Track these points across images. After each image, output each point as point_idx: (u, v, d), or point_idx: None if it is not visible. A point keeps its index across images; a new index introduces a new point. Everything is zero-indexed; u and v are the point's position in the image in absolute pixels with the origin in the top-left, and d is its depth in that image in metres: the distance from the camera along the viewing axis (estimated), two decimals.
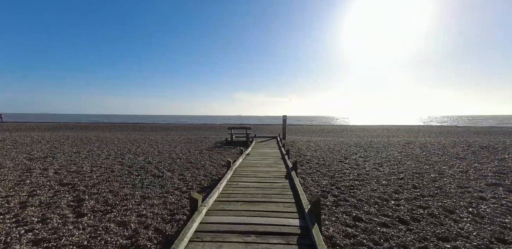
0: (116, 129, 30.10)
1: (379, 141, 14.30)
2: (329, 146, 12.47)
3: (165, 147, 11.50)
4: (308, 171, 6.72)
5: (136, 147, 11.03)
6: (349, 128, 35.20)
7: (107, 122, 49.28)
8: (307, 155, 9.39)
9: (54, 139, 12.86)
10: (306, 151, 10.64)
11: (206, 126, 37.73)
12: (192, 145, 12.34)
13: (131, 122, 51.96)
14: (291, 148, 11.78)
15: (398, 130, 30.08)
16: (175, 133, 26.57)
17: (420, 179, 5.67)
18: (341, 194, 4.74)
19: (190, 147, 11.51)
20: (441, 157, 8.47)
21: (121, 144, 12.13)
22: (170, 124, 42.53)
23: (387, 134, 24.04)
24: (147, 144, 12.52)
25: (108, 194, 4.46)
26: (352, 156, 9.19)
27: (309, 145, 12.90)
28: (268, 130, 31.52)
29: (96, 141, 12.89)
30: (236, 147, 11.79)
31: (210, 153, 9.71)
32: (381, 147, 11.71)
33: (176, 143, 13.40)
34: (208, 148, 11.21)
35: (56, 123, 39.21)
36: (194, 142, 13.85)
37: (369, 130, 30.23)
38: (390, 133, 25.20)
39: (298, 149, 11.17)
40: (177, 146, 11.83)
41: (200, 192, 4.80)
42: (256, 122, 61.62)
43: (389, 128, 34.92)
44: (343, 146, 12.31)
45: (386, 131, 28.34)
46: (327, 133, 27.68)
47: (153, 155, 9.05)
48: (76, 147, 10.60)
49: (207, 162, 7.84)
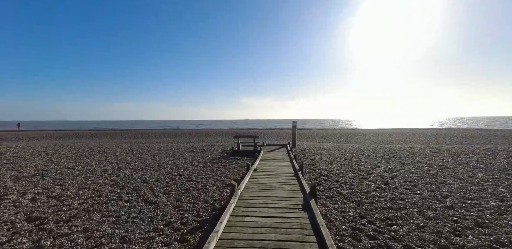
0: (124, 137, 29.82)
1: (399, 148, 12.88)
2: (345, 155, 11.21)
3: (168, 159, 10.61)
4: (328, 193, 5.56)
5: (137, 160, 10.20)
6: (361, 132, 33.48)
7: (116, 129, 49.60)
8: (323, 169, 8.21)
9: (55, 151, 12.27)
10: (321, 163, 9.45)
11: (214, 131, 37.01)
12: (196, 156, 11.41)
13: (141, 129, 52.15)
14: (303, 158, 10.62)
15: (415, 134, 28.17)
16: (182, 139, 25.90)
17: (479, 210, 4.37)
18: (379, 234, 3.56)
19: (194, 159, 10.57)
20: (487, 172, 7.07)
21: (122, 155, 11.36)
22: (179, 130, 42.15)
23: (404, 139, 22.35)
24: (150, 155, 11.69)
25: (80, 235, 3.49)
26: (375, 170, 7.92)
27: (322, 154, 11.68)
28: (276, 135, 30.36)
29: (97, 152, 12.20)
30: (243, 158, 10.75)
31: (214, 167, 8.71)
32: (405, 157, 10.34)
33: (181, 153, 12.52)
34: (212, 160, 10.22)
35: (69, 131, 39.69)
36: (199, 152, 12.93)
37: (382, 135, 28.49)
38: (407, 138, 23.47)
39: (312, 160, 9.99)
40: (180, 158, 10.92)
41: (196, 229, 3.77)
42: (263, 127, 60.56)
43: (403, 132, 32.94)
44: (361, 156, 11.02)
45: (401, 136, 26.56)
46: (338, 138, 26.23)
47: (152, 170, 8.15)
48: (73, 160, 9.88)
49: (210, 180, 6.82)
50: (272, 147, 13.78)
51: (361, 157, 10.80)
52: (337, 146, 15.20)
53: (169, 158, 10.76)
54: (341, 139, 25.06)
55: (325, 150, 13.51)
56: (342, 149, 13.55)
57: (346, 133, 31.66)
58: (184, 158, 10.90)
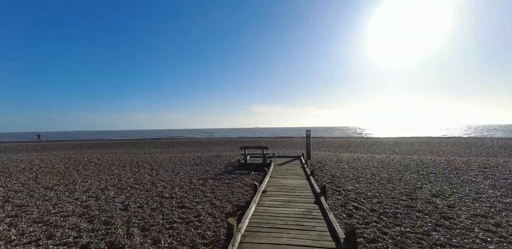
0: (134, 146, 29.17)
1: (432, 161, 10.78)
2: (371, 170, 9.32)
3: (166, 174, 9.23)
4: (367, 234, 3.83)
5: (131, 175, 8.88)
6: (378, 141, 30.91)
7: (128, 139, 49.63)
8: (349, 191, 6.45)
9: (50, 165, 11.27)
10: (344, 181, 7.67)
11: (223, 140, 35.74)
12: (198, 169, 9.97)
13: (151, 138, 51.99)
14: (321, 173, 8.87)
15: (440, 143, 25.37)
16: (190, 149, 24.72)
17: None
18: None
19: (195, 173, 9.12)
20: None
21: (117, 169, 10.13)
22: (188, 139, 41.31)
23: (429, 149, 19.84)
24: (148, 168, 10.39)
25: None
26: (419, 193, 6.05)
27: (342, 168, 9.86)
28: (288, 144, 28.54)
29: (93, 165, 11.07)
30: (251, 173, 9.16)
31: (215, 186, 7.18)
32: (447, 173, 8.33)
33: (182, 165, 11.15)
34: (215, 175, 8.72)
35: (82, 141, 39.95)
36: (203, 164, 11.50)
37: (403, 144, 25.90)
38: (433, 148, 20.90)
39: (332, 177, 8.22)
40: (180, 172, 9.51)
41: None
42: (273, 135, 58.76)
43: (426, 141, 30.03)
44: (390, 171, 9.10)
45: (425, 145, 23.90)
46: (355, 148, 24.01)
47: (141, 190, 6.74)
48: (60, 177, 8.70)
49: (206, 207, 5.27)
50: (283, 159, 12.12)
51: (391, 172, 8.88)
52: (357, 157, 13.26)
53: (167, 173, 9.37)
54: (358, 149, 22.87)
55: (344, 162, 11.64)
56: (364, 161, 11.62)
57: (362, 142, 29.28)
58: (184, 172, 9.47)
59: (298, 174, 8.28)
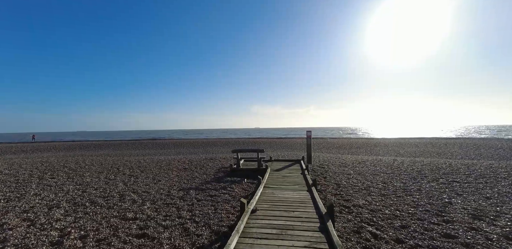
0: (126, 147, 27.82)
1: (448, 165, 9.41)
2: (381, 176, 7.96)
3: (144, 181, 7.87)
4: None
5: (103, 184, 7.50)
6: (381, 142, 29.53)
7: (123, 139, 48.19)
8: (360, 206, 5.08)
9: (13, 172, 9.92)
10: (353, 191, 6.30)
11: (221, 141, 34.39)
12: (184, 176, 8.61)
13: (148, 138, 50.60)
14: (325, 182, 7.50)
15: (446, 144, 23.99)
16: (185, 150, 23.37)
17: None
18: None
19: (177, 182, 7.76)
20: None
21: (91, 176, 8.76)
22: (185, 140, 39.94)
23: (436, 151, 18.47)
24: (127, 174, 9.03)
25: None
26: (449, 211, 4.68)
27: (348, 174, 8.50)
28: (287, 145, 27.18)
29: (66, 171, 9.70)
30: (243, 181, 7.80)
31: (196, 200, 5.80)
32: (471, 180, 6.97)
33: (168, 170, 9.80)
34: (200, 184, 7.35)
35: (76, 142, 38.65)
36: (192, 169, 10.16)
37: (407, 145, 24.52)
38: (439, 150, 19.53)
39: (337, 186, 6.85)
40: (162, 179, 8.15)
41: None
42: (273, 136, 57.41)
43: (431, 141, 28.64)
44: (403, 178, 7.75)
45: (430, 146, 22.53)
46: (357, 149, 22.64)
47: (102, 207, 5.35)
48: (12, 188, 7.34)
49: (175, 233, 3.90)
50: (281, 163, 10.74)
51: (404, 180, 7.52)
52: (361, 160, 11.91)
53: (146, 181, 8.01)
54: (361, 150, 21.51)
55: (349, 166, 10.29)
56: (370, 165, 10.28)
57: (364, 143, 27.90)
58: (167, 180, 8.11)
59: (297, 183, 6.91)
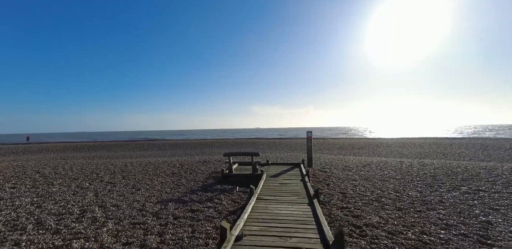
0: (120, 148, 26.73)
1: (465, 169, 8.32)
2: (389, 181, 6.86)
3: (121, 191, 6.77)
4: None
5: (68, 196, 6.36)
6: (383, 142, 28.40)
7: (119, 140, 47.05)
8: (375, 227, 4.00)
9: None
10: (361, 203, 5.21)
11: (218, 142, 33.30)
12: (169, 183, 7.54)
13: (144, 139, 49.44)
14: (328, 190, 6.41)
15: (451, 145, 22.87)
16: (181, 151, 22.28)
17: None
18: None
19: (159, 191, 6.68)
20: None
21: (61, 184, 7.66)
22: (182, 141, 38.84)
23: (443, 152, 17.36)
24: (105, 181, 7.93)
25: None
26: (494, 235, 3.59)
27: (353, 180, 7.40)
28: (286, 146, 26.08)
29: (34, 178, 8.59)
30: (234, 189, 6.71)
31: (173, 217, 4.72)
32: (501, 189, 5.88)
33: (154, 176, 8.74)
34: (184, 194, 6.26)
35: (71, 143, 37.55)
36: (182, 173, 9.11)
37: (411, 145, 23.41)
38: (445, 150, 18.42)
39: (343, 196, 5.76)
40: (142, 188, 7.06)
41: None
42: (273, 136, 56.30)
43: (435, 142, 27.48)
44: (416, 183, 6.67)
45: (435, 147, 21.42)
46: (359, 150, 21.55)
47: (47, 231, 4.29)
48: None
49: None
50: (279, 167, 9.64)
51: (419, 187, 6.43)
52: (366, 163, 10.84)
53: (124, 189, 6.92)
54: (363, 151, 20.42)
55: (353, 170, 9.21)
56: (376, 169, 9.21)
57: (366, 143, 26.80)
58: (148, 188, 7.02)
59: (297, 193, 5.81)
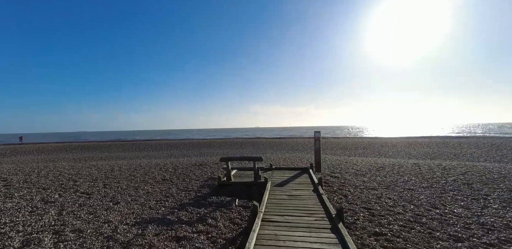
0: (114, 149, 25.37)
1: (499, 174, 7.09)
2: (418, 191, 5.58)
3: (94, 205, 5.48)
4: None
5: (27, 211, 5.10)
6: (388, 141, 27.19)
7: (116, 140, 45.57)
8: None
9: None
10: (399, 227, 3.92)
11: (217, 142, 32.01)
12: (157, 193, 6.26)
13: (142, 139, 48.00)
14: (347, 203, 5.13)
15: (461, 144, 21.68)
16: (178, 152, 20.99)
17: None
18: None
19: (142, 204, 5.39)
20: None
21: (29, 194, 6.35)
22: (180, 141, 37.52)
23: (453, 152, 16.15)
24: (80, 192, 6.62)
25: None
26: None
27: (374, 189, 6.13)
28: (288, 146, 24.83)
29: (4, 186, 7.32)
30: (233, 204, 5.44)
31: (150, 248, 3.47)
32: None
33: (141, 182, 7.48)
34: (170, 210, 4.97)
35: (66, 143, 36.16)
36: (174, 180, 7.86)
37: (417, 145, 22.21)
38: (456, 150, 17.21)
39: (369, 213, 4.47)
40: (121, 201, 5.78)
41: None
42: (274, 135, 55.04)
43: (443, 141, 26.28)
44: (452, 195, 5.40)
45: (444, 147, 20.22)
46: (364, 150, 20.33)
47: None
48: None
49: None
50: (285, 173, 8.35)
51: (460, 200, 5.18)
52: (377, 165, 9.64)
53: (100, 203, 5.62)
54: (368, 151, 19.20)
55: (367, 175, 7.98)
56: (393, 173, 8.00)
57: (370, 143, 25.59)
58: (130, 201, 5.74)
59: (312, 211, 4.51)
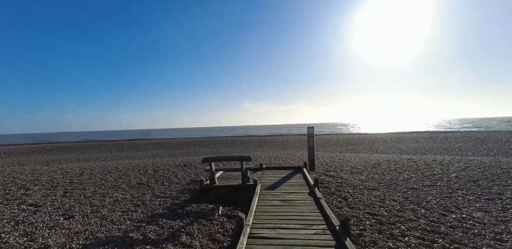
0: (95, 150, 23.51)
1: (498, 167, 6.59)
2: (423, 191, 4.85)
3: (38, 221, 4.29)
4: None
5: None
6: (378, 137, 27.08)
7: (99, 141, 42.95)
8: None
9: None
10: (416, 239, 3.13)
11: (206, 141, 30.72)
12: (126, 201, 5.17)
13: (126, 139, 45.61)
14: (348, 208, 4.26)
15: (447, 139, 21.83)
16: (164, 152, 19.62)
17: None
18: None
19: (101, 217, 4.30)
20: None
21: None
22: (167, 140, 35.80)
23: (442, 146, 16.03)
24: (28, 203, 5.36)
25: None
26: None
27: (375, 190, 5.37)
28: (278, 143, 24.08)
29: None
30: (217, 212, 4.47)
31: None
32: None
33: (112, 187, 6.32)
34: (137, 225, 3.92)
35: (41, 145, 33.44)
36: (151, 183, 6.75)
37: (407, 140, 22.17)
38: (443, 144, 17.14)
39: (376, 220, 3.65)
40: (78, 213, 4.64)
41: None
42: (264, 133, 54.27)
43: (430, 136, 26.50)
44: (463, 195, 4.70)
45: (432, 142, 20.23)
46: (354, 146, 19.97)
47: None
48: None
49: None
50: (276, 173, 7.44)
51: (474, 201, 4.51)
52: (371, 162, 9.01)
53: (46, 218, 4.45)
54: (359, 147, 18.83)
55: (364, 172, 7.27)
56: (390, 170, 7.35)
57: (360, 139, 25.35)
58: (85, 214, 4.60)
59: (309, 221, 3.63)
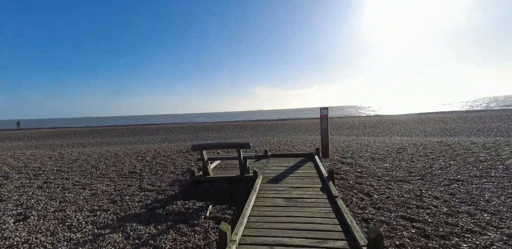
0: (108, 135, 23.74)
1: None
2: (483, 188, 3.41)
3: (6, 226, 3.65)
4: None
5: None
6: (398, 119, 24.75)
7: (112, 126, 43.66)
8: None
9: None
10: None
11: (217, 125, 30.13)
12: (105, 194, 4.40)
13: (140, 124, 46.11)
14: (374, 209, 3.06)
15: (480, 118, 19.24)
16: (173, 136, 19.21)
17: None
18: None
19: (61, 219, 3.53)
20: None
21: None
22: (179, 124, 35.76)
23: (476, 127, 13.88)
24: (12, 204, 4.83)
25: None
26: None
27: (407, 182, 4.02)
28: (289, 128, 22.78)
29: None
30: (205, 212, 3.53)
31: None
32: None
33: (100, 176, 5.63)
34: (98, 232, 3.11)
35: (61, 129, 34.62)
36: (145, 172, 6.01)
37: (431, 121, 19.88)
38: (477, 125, 14.89)
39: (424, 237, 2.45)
40: (37, 212, 3.90)
41: None
42: (275, 117, 52.79)
43: (460, 116, 23.74)
44: None
45: (461, 122, 17.88)
46: (373, 129, 18.21)
47: None
48: None
49: None
50: (283, 161, 6.33)
51: None
52: (396, 146, 7.57)
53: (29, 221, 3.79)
54: (377, 130, 17.08)
55: (387, 159, 5.94)
56: (419, 155, 5.95)
57: (378, 121, 23.31)
58: (46, 213, 3.84)
59: (319, 233, 2.51)
